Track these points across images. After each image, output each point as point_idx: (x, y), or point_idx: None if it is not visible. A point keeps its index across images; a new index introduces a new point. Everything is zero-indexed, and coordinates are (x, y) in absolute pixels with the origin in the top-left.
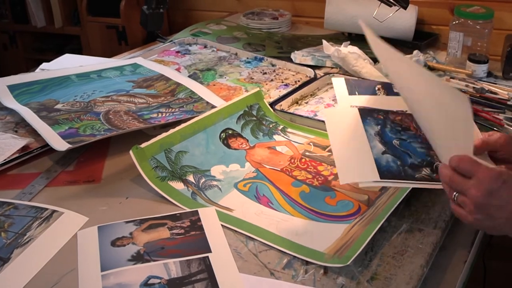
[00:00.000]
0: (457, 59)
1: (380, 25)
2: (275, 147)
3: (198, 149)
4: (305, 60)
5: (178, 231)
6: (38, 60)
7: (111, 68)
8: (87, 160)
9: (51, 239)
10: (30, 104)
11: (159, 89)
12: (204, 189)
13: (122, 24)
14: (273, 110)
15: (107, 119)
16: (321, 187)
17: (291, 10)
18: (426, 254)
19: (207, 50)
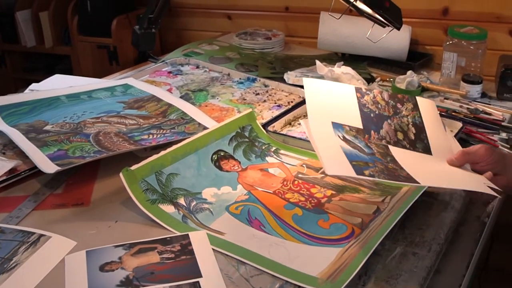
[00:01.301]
0: (451, 80)
1: (373, 46)
2: (267, 169)
3: (190, 171)
4: (298, 80)
5: (168, 255)
6: (28, 81)
7: (101, 88)
8: (76, 183)
9: (38, 264)
10: (19, 126)
11: (150, 110)
12: (195, 212)
13: (113, 44)
14: (265, 132)
15: (97, 140)
16: (314, 209)
17: (284, 30)
18: (420, 278)
19: (199, 70)
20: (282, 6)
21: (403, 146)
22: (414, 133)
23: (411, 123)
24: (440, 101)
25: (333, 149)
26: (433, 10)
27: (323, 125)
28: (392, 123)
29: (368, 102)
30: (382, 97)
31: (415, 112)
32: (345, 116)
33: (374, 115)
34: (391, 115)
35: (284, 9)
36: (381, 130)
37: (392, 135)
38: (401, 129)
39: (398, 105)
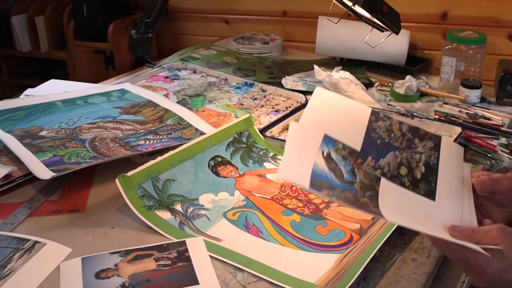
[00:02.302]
0: (450, 84)
1: (372, 50)
2: (265, 175)
3: (186, 177)
4: (296, 85)
5: (165, 262)
6: (23, 86)
7: (97, 94)
8: (71, 189)
9: (33, 271)
10: (14, 131)
11: (146, 115)
12: (192, 218)
13: (109, 48)
14: (263, 137)
15: (93, 146)
16: (312, 215)
17: (282, 34)
18: (419, 284)
19: (197, 75)
20: (280, 11)
21: (401, 183)
22: (422, 173)
23: (423, 161)
24: (439, 106)
25: (302, 159)
26: (432, 15)
27: (310, 134)
28: (399, 155)
29: (380, 128)
30: (399, 127)
31: (433, 152)
32: (344, 133)
33: (380, 142)
34: (403, 147)
35: (282, 13)
36: (382, 159)
37: (393, 168)
38: (408, 164)
39: (415, 140)
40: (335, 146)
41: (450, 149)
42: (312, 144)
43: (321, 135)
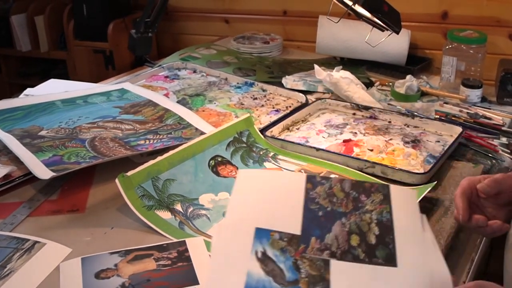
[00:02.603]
0: (451, 84)
1: (372, 50)
2: None
3: (186, 177)
4: (297, 85)
5: (165, 262)
6: (23, 85)
7: (97, 93)
8: (71, 189)
9: (33, 271)
10: (13, 131)
11: (146, 115)
12: (192, 218)
13: (109, 48)
14: (263, 137)
15: (92, 146)
16: None
17: (283, 34)
18: None
19: (197, 75)
20: (280, 10)
21: (355, 257)
22: (377, 235)
23: (375, 221)
24: (440, 105)
25: (232, 271)
26: (432, 14)
27: (238, 233)
28: (347, 222)
29: (319, 196)
30: (341, 187)
31: (383, 206)
32: (278, 218)
33: (323, 213)
34: (349, 211)
35: (282, 13)
36: (327, 235)
37: (342, 241)
38: (359, 230)
39: (361, 197)
40: (270, 239)
41: (401, 197)
42: (242, 246)
43: (252, 230)
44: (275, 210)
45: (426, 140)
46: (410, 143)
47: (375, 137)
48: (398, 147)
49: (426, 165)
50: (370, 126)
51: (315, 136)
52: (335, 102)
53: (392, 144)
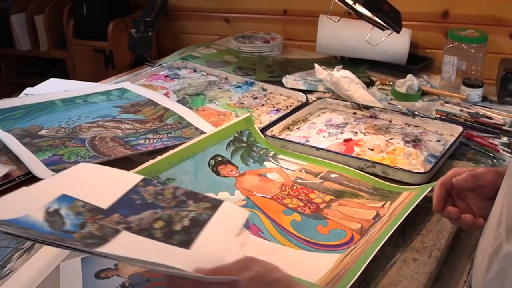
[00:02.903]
0: (451, 83)
1: (373, 49)
2: (265, 174)
3: (186, 177)
4: (297, 84)
5: None
6: (22, 85)
7: (97, 93)
8: None
9: (32, 271)
10: (13, 130)
11: (146, 114)
12: None
13: (109, 47)
14: (264, 136)
15: (92, 145)
16: (313, 215)
17: (283, 33)
18: (421, 284)
19: (197, 74)
20: (280, 9)
21: (150, 235)
22: (185, 226)
23: (190, 217)
24: (440, 105)
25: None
26: (433, 13)
27: (45, 193)
28: (160, 212)
29: (146, 191)
30: (173, 192)
31: (207, 211)
32: (90, 194)
33: (141, 202)
34: (168, 206)
35: (282, 12)
36: (132, 216)
37: (145, 223)
38: (169, 219)
39: (189, 201)
40: (72, 203)
41: (229, 212)
42: (40, 201)
43: (58, 194)
44: (93, 190)
45: (426, 139)
46: (410, 143)
47: (375, 137)
48: (398, 147)
49: (426, 165)
50: (371, 126)
51: (315, 135)
52: (335, 102)
53: (393, 143)
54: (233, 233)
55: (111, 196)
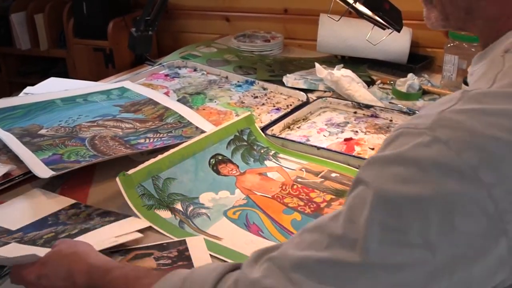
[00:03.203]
0: (452, 82)
1: (374, 48)
2: (266, 173)
3: (187, 176)
4: (297, 83)
5: (165, 261)
6: (22, 84)
7: (97, 92)
8: (71, 188)
9: None
10: (13, 130)
11: (147, 113)
12: (192, 217)
13: (109, 46)
14: (264, 135)
15: (92, 145)
16: (313, 214)
17: (283, 32)
18: None
19: (197, 73)
20: (281, 8)
21: (32, 243)
22: (70, 234)
23: (82, 228)
24: None
25: None
26: None
27: None
28: (61, 228)
29: (67, 214)
30: (89, 212)
31: (106, 223)
32: (9, 220)
33: (52, 223)
34: (74, 223)
35: (283, 11)
36: (33, 233)
37: (38, 236)
38: (61, 231)
39: (96, 218)
40: None
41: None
42: None
43: None
44: (17, 216)
45: None
46: None
47: (376, 136)
48: None
49: None
50: (371, 125)
51: (316, 134)
52: (336, 101)
53: None
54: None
55: (27, 219)
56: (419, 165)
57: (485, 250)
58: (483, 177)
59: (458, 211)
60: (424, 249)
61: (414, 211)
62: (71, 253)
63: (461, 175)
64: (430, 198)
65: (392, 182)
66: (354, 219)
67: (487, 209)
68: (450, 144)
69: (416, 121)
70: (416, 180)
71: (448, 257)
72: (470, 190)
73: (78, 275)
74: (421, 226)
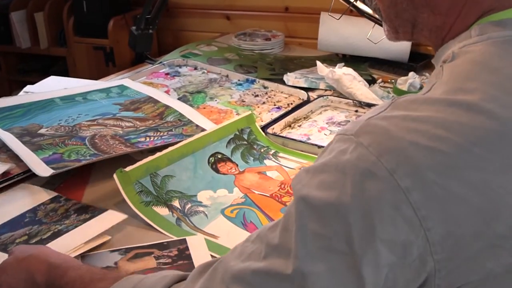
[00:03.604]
0: None
1: (374, 47)
2: (265, 172)
3: (185, 174)
4: (298, 82)
5: (165, 260)
6: (22, 82)
7: (97, 90)
8: (68, 186)
9: None
10: (13, 129)
11: (147, 112)
12: (189, 215)
13: (109, 45)
14: (265, 134)
15: (93, 143)
16: None
17: (284, 31)
18: None
19: (197, 72)
20: (281, 7)
21: (3, 249)
22: (42, 239)
23: (54, 230)
24: None
25: None
26: None
27: None
28: (36, 228)
29: (45, 209)
30: (67, 208)
31: (80, 222)
32: None
33: (29, 220)
34: (49, 222)
35: (283, 9)
36: (7, 234)
37: (11, 239)
38: (34, 234)
39: (72, 216)
40: None
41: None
42: None
43: None
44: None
45: None
46: None
47: None
48: None
49: None
50: None
51: (317, 133)
52: (337, 99)
53: None
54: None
55: (6, 216)
56: (340, 170)
57: (407, 258)
58: (400, 181)
59: (379, 217)
60: (349, 256)
61: (335, 217)
62: (28, 255)
63: (380, 178)
64: (349, 202)
65: (315, 189)
66: (289, 228)
67: (407, 214)
68: (370, 149)
69: (346, 127)
70: (337, 185)
71: (373, 265)
72: (388, 195)
73: (38, 274)
74: (344, 232)
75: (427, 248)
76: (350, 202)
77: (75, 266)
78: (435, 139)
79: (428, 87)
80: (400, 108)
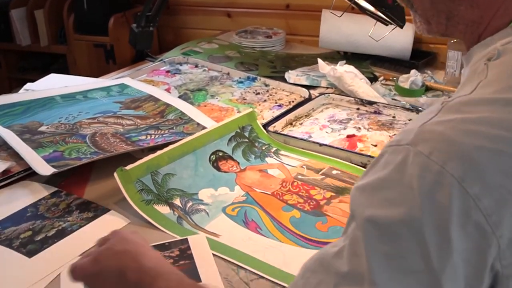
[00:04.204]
0: (456, 79)
1: (376, 44)
2: (266, 170)
3: (186, 172)
4: (300, 80)
5: (167, 260)
6: (22, 80)
7: (97, 88)
8: (68, 184)
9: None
10: (13, 127)
11: (147, 110)
12: (190, 213)
13: (110, 42)
14: (266, 132)
15: (93, 141)
16: (313, 212)
17: (286, 28)
18: None
19: (198, 69)
20: (283, 4)
21: (8, 244)
22: (46, 236)
23: (59, 228)
24: None
25: None
26: None
27: None
28: (39, 223)
29: (47, 204)
30: (68, 203)
31: (84, 221)
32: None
33: (31, 214)
34: (52, 217)
35: (285, 6)
36: (11, 228)
37: (15, 234)
38: (38, 230)
39: (75, 212)
40: None
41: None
42: None
43: None
44: None
45: None
46: None
47: (379, 132)
48: None
49: None
50: (374, 121)
51: (318, 131)
52: (338, 97)
53: None
54: None
55: (8, 211)
56: (405, 184)
57: (481, 267)
58: (468, 189)
59: (453, 228)
60: (428, 275)
61: (408, 234)
62: (124, 249)
63: (447, 187)
64: (420, 217)
65: (379, 207)
66: (358, 253)
67: (479, 221)
68: (432, 157)
69: (398, 138)
70: (404, 200)
71: (452, 279)
72: (458, 203)
73: (130, 272)
74: (419, 249)
75: (498, 254)
76: (421, 216)
77: (165, 275)
78: (498, 140)
79: (471, 86)
80: (453, 111)
